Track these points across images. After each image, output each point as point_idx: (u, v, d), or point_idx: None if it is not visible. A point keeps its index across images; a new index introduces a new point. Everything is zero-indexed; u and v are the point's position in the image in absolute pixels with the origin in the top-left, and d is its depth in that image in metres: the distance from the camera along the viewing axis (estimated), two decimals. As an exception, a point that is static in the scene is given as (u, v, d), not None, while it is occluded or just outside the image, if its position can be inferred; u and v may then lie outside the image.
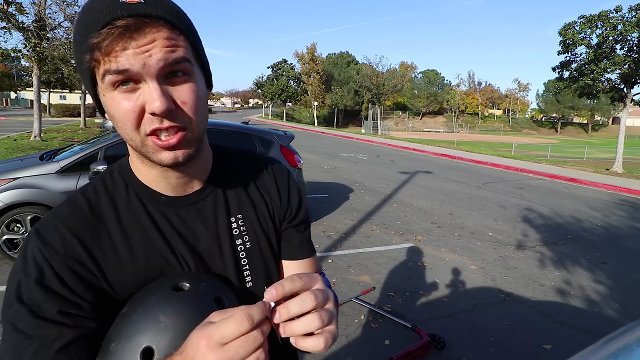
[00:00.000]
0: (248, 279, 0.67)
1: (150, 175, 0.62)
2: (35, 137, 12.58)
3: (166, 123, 0.52)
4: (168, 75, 0.51)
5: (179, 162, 0.55)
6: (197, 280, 0.56)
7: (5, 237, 3.68)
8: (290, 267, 0.74)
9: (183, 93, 0.53)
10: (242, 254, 0.67)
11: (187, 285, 0.54)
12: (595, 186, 10.43)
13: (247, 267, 0.67)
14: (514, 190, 9.16)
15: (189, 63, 0.53)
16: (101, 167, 3.77)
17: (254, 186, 0.72)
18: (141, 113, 0.51)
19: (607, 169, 13.98)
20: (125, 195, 0.63)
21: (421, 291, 3.61)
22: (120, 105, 0.51)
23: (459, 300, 3.50)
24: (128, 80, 0.50)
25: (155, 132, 0.52)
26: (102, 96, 0.52)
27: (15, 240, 3.74)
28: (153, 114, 0.50)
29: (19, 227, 3.74)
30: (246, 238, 0.68)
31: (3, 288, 3.28)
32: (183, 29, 0.52)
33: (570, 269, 4.41)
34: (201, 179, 0.66)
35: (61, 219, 0.57)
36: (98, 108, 0.57)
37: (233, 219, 0.68)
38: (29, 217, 3.72)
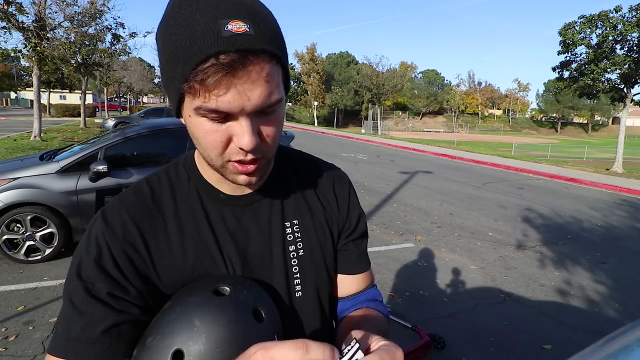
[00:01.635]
0: (297, 287, 0.66)
1: (215, 176, 0.63)
2: (35, 137, 12.58)
3: (250, 156, 0.52)
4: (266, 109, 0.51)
5: (251, 184, 0.58)
6: (240, 286, 0.55)
7: (5, 237, 3.68)
8: (344, 280, 0.73)
9: (269, 128, 0.53)
10: (294, 261, 0.66)
11: (228, 290, 0.53)
12: (595, 186, 10.43)
13: (298, 275, 0.66)
14: (514, 190, 9.16)
15: (280, 100, 0.52)
16: (101, 167, 3.77)
17: (314, 193, 0.71)
18: (227, 142, 0.51)
19: (607, 169, 13.98)
20: (187, 189, 0.63)
21: (421, 291, 3.61)
22: (207, 134, 0.51)
23: (459, 300, 3.50)
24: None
25: (237, 160, 0.54)
26: (187, 116, 0.52)
27: (15, 240, 3.74)
28: (241, 148, 0.51)
29: (19, 227, 3.74)
30: (299, 245, 0.66)
31: (3, 288, 3.28)
32: (281, 56, 0.50)
33: (570, 269, 4.41)
34: (261, 182, 0.66)
35: (125, 205, 0.60)
36: (176, 114, 0.55)
37: (288, 224, 0.66)
38: (29, 217, 3.72)
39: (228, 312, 0.50)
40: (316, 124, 49.51)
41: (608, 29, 13.06)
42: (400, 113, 68.61)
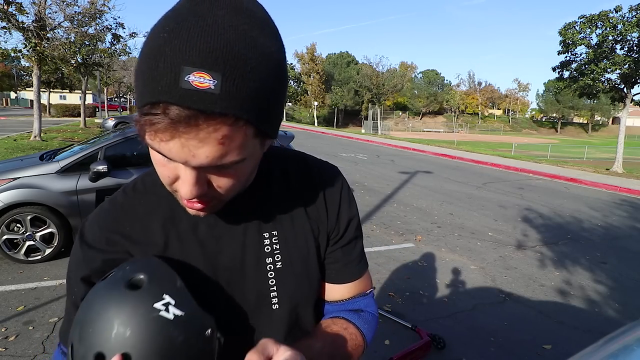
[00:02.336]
0: (274, 300, 0.62)
1: None
2: (35, 137, 12.58)
3: (199, 199, 0.50)
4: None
5: (201, 216, 0.56)
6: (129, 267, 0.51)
7: (5, 237, 3.68)
8: (331, 288, 0.70)
9: (222, 180, 0.48)
10: (271, 274, 0.62)
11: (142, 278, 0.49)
12: (595, 186, 10.43)
13: (275, 287, 0.62)
14: (514, 190, 9.16)
15: (239, 161, 0.46)
16: (101, 167, 3.77)
17: (300, 200, 0.65)
18: (174, 180, 0.49)
19: (607, 169, 13.98)
20: (161, 196, 0.62)
21: (421, 291, 3.61)
22: (158, 165, 0.49)
23: (459, 300, 3.50)
24: None
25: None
26: (146, 135, 0.45)
27: (15, 240, 3.74)
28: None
29: (19, 227, 3.74)
30: (277, 257, 0.62)
31: (3, 288, 3.28)
32: (250, 117, 0.42)
33: (570, 269, 4.41)
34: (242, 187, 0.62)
35: (98, 215, 0.62)
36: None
37: (266, 235, 0.62)
38: (29, 217, 3.72)
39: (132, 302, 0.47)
40: (316, 124, 49.52)
41: (608, 29, 13.05)
42: (400, 113, 68.61)
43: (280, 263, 0.62)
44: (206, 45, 0.39)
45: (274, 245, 0.62)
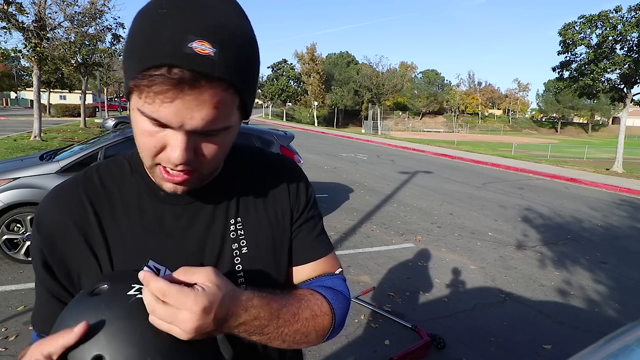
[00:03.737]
0: (243, 287, 0.61)
1: None
2: (35, 137, 12.57)
3: (179, 167, 0.52)
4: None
5: (176, 194, 0.57)
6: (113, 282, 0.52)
7: (5, 237, 3.68)
8: (298, 270, 0.70)
9: (209, 148, 0.52)
10: (237, 259, 0.64)
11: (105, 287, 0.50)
12: (595, 186, 10.43)
13: (242, 273, 0.64)
14: (514, 190, 9.16)
15: (226, 127, 0.51)
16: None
17: (263, 189, 0.69)
18: (161, 149, 0.51)
19: (607, 169, 13.98)
20: (127, 184, 0.63)
21: (421, 291, 3.61)
22: (143, 135, 0.50)
23: (459, 300, 3.50)
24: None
25: (165, 167, 0.53)
26: (131, 109, 0.51)
27: (15, 240, 3.74)
28: (168, 160, 0.51)
29: (19, 227, 3.74)
30: (243, 243, 0.64)
31: (3, 288, 3.28)
32: (239, 85, 0.49)
33: (570, 269, 4.41)
34: (207, 179, 0.64)
35: (57, 197, 0.61)
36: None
37: (232, 221, 0.64)
38: (29, 217, 3.71)
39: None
40: (316, 124, 49.52)
41: (608, 29, 13.05)
42: (400, 113, 68.61)
43: (245, 248, 0.64)
44: (204, 20, 0.45)
45: (239, 231, 0.65)
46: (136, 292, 0.48)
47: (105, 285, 0.50)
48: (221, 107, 0.48)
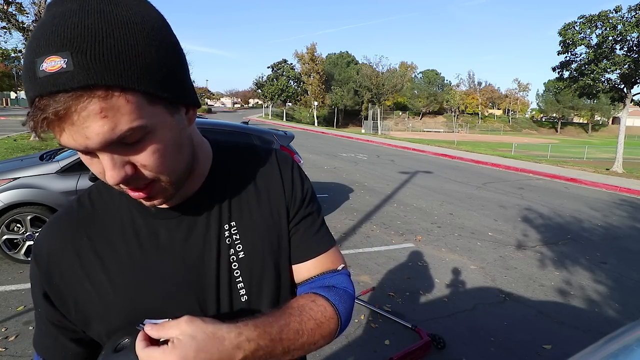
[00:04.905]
0: (242, 292, 0.62)
1: None
2: (35, 137, 12.57)
3: (132, 185, 0.50)
4: (122, 141, 0.45)
5: (157, 207, 0.56)
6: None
7: (5, 237, 3.68)
8: (299, 268, 0.68)
9: (141, 157, 0.47)
10: (235, 265, 0.61)
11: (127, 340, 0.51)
12: (595, 186, 10.43)
13: (240, 278, 0.62)
14: (514, 190, 9.16)
15: (140, 129, 0.45)
16: (101, 167, 3.77)
17: (255, 188, 0.66)
18: (104, 173, 0.48)
19: (607, 169, 13.98)
20: (117, 204, 0.62)
21: (421, 291, 3.61)
22: (87, 164, 0.49)
23: (459, 300, 3.50)
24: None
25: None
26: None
27: (15, 240, 3.74)
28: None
29: (19, 227, 3.74)
30: (239, 247, 0.62)
31: (2, 288, 3.28)
32: (123, 83, 0.42)
33: (570, 269, 4.41)
34: (195, 188, 0.62)
35: (52, 226, 0.61)
36: None
37: (226, 227, 0.62)
38: (29, 217, 3.71)
39: None
40: (316, 124, 49.50)
41: (608, 29, 13.05)
42: (400, 113, 68.60)
43: (242, 253, 0.62)
44: (52, 31, 0.41)
45: (234, 236, 0.62)
46: None
47: (127, 340, 0.50)
48: (112, 114, 0.42)
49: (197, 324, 0.48)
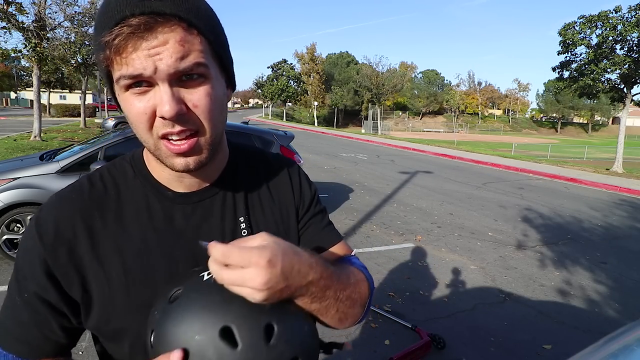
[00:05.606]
0: None
1: (164, 174, 0.61)
2: (35, 137, 12.57)
3: (177, 127, 0.51)
4: (182, 78, 0.50)
5: (190, 169, 0.55)
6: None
7: (5, 237, 3.68)
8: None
9: (196, 96, 0.51)
10: None
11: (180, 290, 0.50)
12: (595, 186, 10.43)
13: None
14: (514, 190, 9.16)
15: (204, 67, 0.50)
16: (101, 167, 3.77)
17: (267, 188, 0.70)
18: (153, 115, 0.50)
19: (607, 169, 13.97)
20: (131, 187, 0.61)
21: (421, 291, 3.61)
22: (132, 107, 0.50)
23: (459, 300, 3.50)
24: (140, 81, 0.49)
25: (167, 136, 0.52)
26: (117, 96, 0.52)
27: (15, 240, 3.74)
28: (163, 117, 0.49)
29: (19, 227, 3.74)
30: None
31: (3, 288, 3.28)
32: (201, 27, 0.50)
33: (570, 269, 4.41)
34: (213, 177, 0.64)
35: (60, 202, 0.59)
36: (117, 106, 0.56)
37: (242, 219, 0.65)
38: (29, 217, 3.71)
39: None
40: (316, 124, 49.50)
41: (608, 29, 13.05)
42: (400, 113, 68.60)
43: None
44: None
45: (250, 229, 0.65)
46: (209, 276, 0.49)
47: (179, 289, 0.49)
48: (188, 45, 0.48)
49: (275, 237, 0.49)
